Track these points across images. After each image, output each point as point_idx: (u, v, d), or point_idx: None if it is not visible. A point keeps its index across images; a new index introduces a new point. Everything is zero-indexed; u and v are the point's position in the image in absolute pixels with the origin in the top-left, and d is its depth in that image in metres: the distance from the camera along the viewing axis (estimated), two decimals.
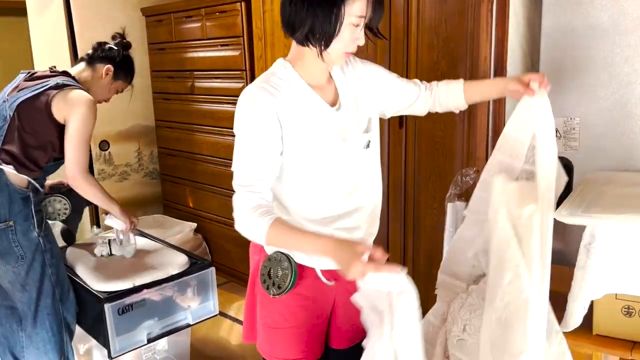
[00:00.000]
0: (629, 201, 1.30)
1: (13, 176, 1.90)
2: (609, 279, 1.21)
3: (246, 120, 1.25)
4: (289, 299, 1.35)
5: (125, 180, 3.80)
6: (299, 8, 1.22)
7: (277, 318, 1.38)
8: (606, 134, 1.67)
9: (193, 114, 3.46)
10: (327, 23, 1.21)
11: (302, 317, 1.38)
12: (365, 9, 1.22)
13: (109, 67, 2.14)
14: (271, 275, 1.35)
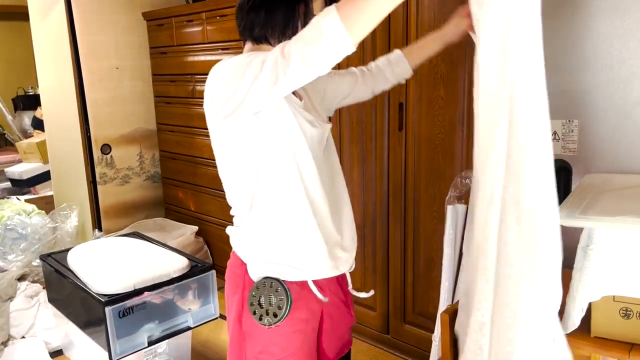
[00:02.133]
0: (628, 203, 1.31)
1: None
2: (607, 281, 1.21)
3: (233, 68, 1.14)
4: (284, 325, 1.26)
5: (126, 184, 3.81)
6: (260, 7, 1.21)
7: (274, 349, 1.28)
8: (605, 136, 1.67)
9: (194, 117, 3.48)
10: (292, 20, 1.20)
11: (299, 342, 1.29)
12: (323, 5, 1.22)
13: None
14: (262, 304, 1.25)
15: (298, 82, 1.06)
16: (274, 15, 1.21)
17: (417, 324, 2.49)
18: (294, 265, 1.27)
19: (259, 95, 1.10)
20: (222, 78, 1.16)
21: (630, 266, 1.20)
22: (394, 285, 2.52)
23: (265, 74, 1.06)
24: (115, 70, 3.62)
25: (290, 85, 1.07)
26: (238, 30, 1.30)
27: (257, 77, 1.07)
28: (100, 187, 3.65)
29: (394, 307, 2.56)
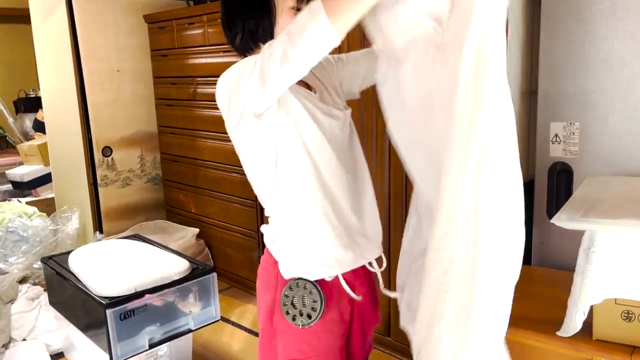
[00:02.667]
0: (629, 206, 1.30)
1: None
2: (609, 284, 1.21)
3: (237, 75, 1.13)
4: (316, 324, 1.26)
5: (128, 186, 3.81)
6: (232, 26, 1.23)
7: (304, 347, 1.28)
8: (606, 138, 1.67)
9: (195, 119, 3.48)
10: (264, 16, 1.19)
11: (329, 341, 1.30)
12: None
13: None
14: (296, 305, 1.25)
15: (287, 79, 1.05)
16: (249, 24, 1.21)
17: None
18: (319, 261, 1.26)
19: (253, 98, 1.10)
20: (226, 88, 1.18)
21: (632, 269, 1.20)
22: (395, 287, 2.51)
23: (255, 76, 1.07)
24: (116, 72, 3.62)
25: (279, 84, 1.06)
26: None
27: (249, 80, 1.08)
28: (101, 190, 3.65)
29: (395, 309, 2.55)
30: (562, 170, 1.77)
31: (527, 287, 1.70)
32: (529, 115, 1.92)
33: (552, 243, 1.79)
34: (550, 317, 1.34)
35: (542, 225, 1.81)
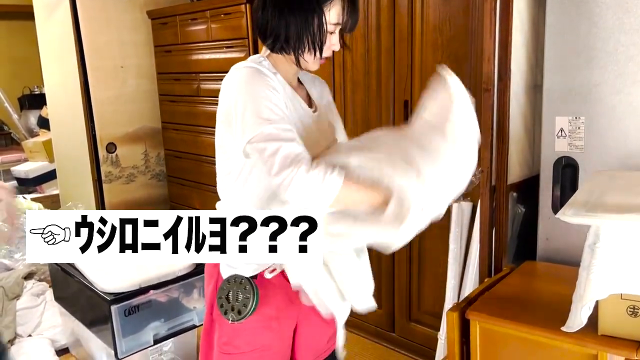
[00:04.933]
0: (634, 200, 1.29)
1: None
2: (614, 279, 1.20)
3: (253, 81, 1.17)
4: (252, 320, 1.25)
5: (132, 182, 3.82)
6: (272, 16, 1.21)
7: (239, 343, 1.29)
8: (612, 133, 1.66)
9: (199, 115, 3.48)
10: (304, 31, 1.20)
11: (266, 338, 1.30)
12: (341, 16, 1.23)
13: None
14: (230, 299, 1.26)
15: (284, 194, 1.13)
16: (286, 27, 1.21)
17: (422, 322, 2.48)
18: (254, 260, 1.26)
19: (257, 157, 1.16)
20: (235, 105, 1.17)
21: (638, 263, 1.19)
22: (400, 283, 2.51)
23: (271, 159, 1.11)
24: (120, 69, 3.62)
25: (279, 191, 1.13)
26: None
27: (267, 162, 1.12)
28: (105, 186, 3.66)
29: (399, 305, 2.55)
30: (568, 165, 1.76)
31: (532, 283, 1.69)
32: (534, 110, 1.91)
33: (557, 238, 1.78)
34: (556, 312, 1.33)
35: (548, 220, 1.80)
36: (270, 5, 1.21)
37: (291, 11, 1.19)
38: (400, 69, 2.31)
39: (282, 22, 1.20)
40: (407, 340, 2.56)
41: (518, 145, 1.91)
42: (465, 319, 1.44)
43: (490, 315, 1.40)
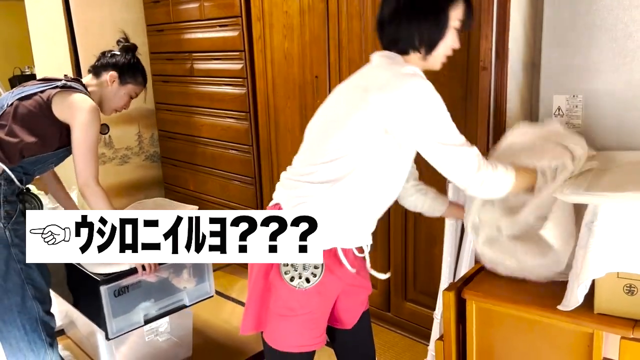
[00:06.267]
0: (632, 179, 1.28)
1: None
2: (611, 258, 1.19)
3: (433, 93, 1.27)
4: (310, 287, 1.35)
5: (125, 164, 3.79)
6: (406, 25, 1.33)
7: (295, 305, 1.37)
8: (609, 111, 1.64)
9: (192, 96, 3.44)
10: (434, 29, 1.32)
11: (317, 302, 1.38)
12: (464, 15, 1.35)
13: (112, 73, 2.06)
14: (296, 267, 1.33)
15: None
16: (419, 32, 1.33)
17: (418, 301, 2.49)
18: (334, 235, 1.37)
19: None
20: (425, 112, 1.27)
21: (635, 242, 1.18)
22: (395, 262, 2.51)
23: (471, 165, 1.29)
24: None
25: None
26: (381, 43, 1.40)
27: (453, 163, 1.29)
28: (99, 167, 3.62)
29: (394, 284, 2.56)
30: None
31: None
32: (532, 88, 1.89)
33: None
34: (552, 291, 1.33)
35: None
36: (404, 16, 1.33)
37: (424, 17, 1.32)
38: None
39: (415, 28, 1.32)
40: (403, 320, 2.57)
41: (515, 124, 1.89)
42: (462, 298, 1.44)
43: (486, 294, 1.40)
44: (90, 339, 2.39)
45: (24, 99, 1.89)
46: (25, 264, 1.85)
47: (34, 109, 1.88)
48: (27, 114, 1.87)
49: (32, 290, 1.89)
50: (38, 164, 1.96)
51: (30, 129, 1.87)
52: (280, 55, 2.79)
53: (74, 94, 1.92)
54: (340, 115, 1.33)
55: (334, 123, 1.35)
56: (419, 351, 2.34)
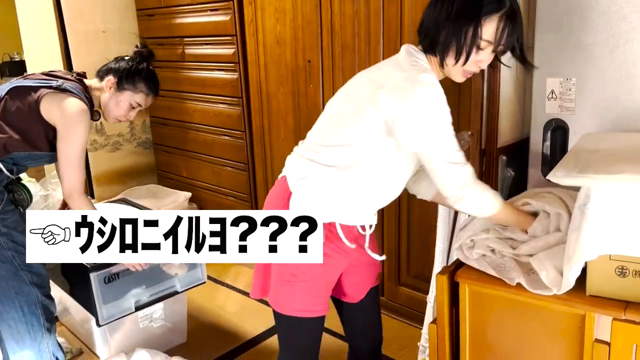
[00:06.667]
0: (625, 161, 1.28)
1: None
2: (604, 240, 1.19)
3: (442, 106, 1.27)
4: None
5: (117, 151, 3.76)
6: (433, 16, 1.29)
7: (297, 272, 1.41)
8: (602, 94, 1.64)
9: (184, 81, 3.41)
10: (454, 37, 1.26)
11: (318, 271, 1.41)
12: (494, 35, 1.26)
13: (110, 78, 1.97)
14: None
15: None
16: (436, 27, 1.29)
17: (411, 286, 2.50)
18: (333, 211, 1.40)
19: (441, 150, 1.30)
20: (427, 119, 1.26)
21: (628, 224, 1.18)
22: (389, 247, 2.52)
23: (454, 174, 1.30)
24: (101, 33, 3.52)
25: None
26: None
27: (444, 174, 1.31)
28: (90, 154, 3.60)
29: (388, 269, 2.57)
30: (558, 127, 1.74)
31: None
32: (525, 72, 1.88)
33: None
34: None
35: (538, 183, 1.79)
36: (441, 23, 1.28)
37: (449, 15, 1.26)
38: (390, 31, 2.26)
39: (435, 22, 1.28)
40: (396, 304, 2.58)
41: (509, 108, 1.89)
42: (455, 281, 1.44)
43: (479, 277, 1.40)
44: (84, 325, 2.39)
45: (17, 92, 1.84)
46: (17, 250, 1.84)
47: (22, 106, 1.82)
48: (15, 110, 1.83)
49: (28, 275, 1.88)
50: (29, 159, 1.91)
51: (14, 126, 1.82)
52: (272, 40, 2.76)
53: (64, 96, 1.83)
54: (353, 105, 1.36)
55: (346, 111, 1.37)
56: (413, 335, 2.35)
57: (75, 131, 1.81)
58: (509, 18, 1.25)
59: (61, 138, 1.82)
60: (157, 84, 2.07)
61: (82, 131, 1.83)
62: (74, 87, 1.88)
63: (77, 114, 1.81)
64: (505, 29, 1.25)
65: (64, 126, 1.81)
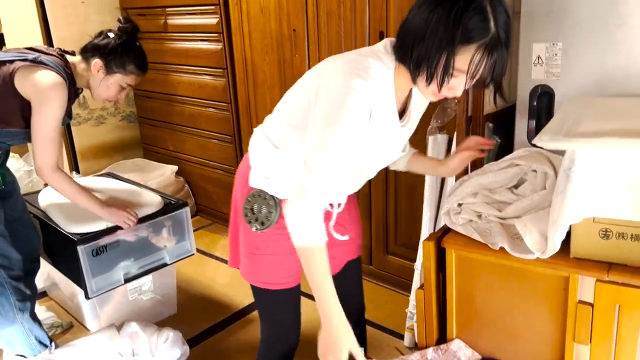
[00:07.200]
0: (610, 125, 1.28)
1: None
2: (588, 203, 1.20)
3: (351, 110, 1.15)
4: (275, 230, 1.39)
5: (102, 125, 3.71)
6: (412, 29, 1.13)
7: (261, 245, 1.42)
8: (588, 58, 1.63)
9: (167, 53, 3.35)
10: (426, 62, 1.12)
11: (279, 245, 1.40)
12: (468, 66, 1.11)
13: (97, 61, 1.88)
14: (254, 211, 1.38)
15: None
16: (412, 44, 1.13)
17: (399, 254, 2.52)
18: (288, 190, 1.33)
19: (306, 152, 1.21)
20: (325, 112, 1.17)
21: (611, 187, 1.19)
22: (377, 216, 2.53)
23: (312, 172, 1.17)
24: (80, 4, 3.43)
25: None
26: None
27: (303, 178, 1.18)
28: (74, 129, 3.55)
29: (376, 238, 2.58)
30: (544, 93, 1.74)
31: None
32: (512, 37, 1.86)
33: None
34: None
35: None
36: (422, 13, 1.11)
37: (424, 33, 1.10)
38: (374, 15, 2.23)
39: (412, 38, 1.13)
40: (385, 273, 2.60)
41: None
42: (441, 247, 1.45)
43: (465, 243, 1.41)
44: (73, 299, 2.39)
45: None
46: None
47: (1, 82, 1.77)
48: None
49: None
50: (5, 136, 1.86)
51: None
52: (256, 9, 2.71)
53: (39, 69, 1.77)
54: (304, 91, 1.29)
55: (299, 94, 1.31)
56: (401, 302, 2.38)
57: (49, 105, 1.75)
58: (488, 49, 1.09)
59: (35, 112, 1.76)
60: (146, 62, 2.00)
61: (57, 105, 1.77)
62: (52, 61, 1.82)
63: (51, 86, 1.75)
64: (481, 60, 1.10)
65: (38, 99, 1.75)
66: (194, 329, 2.37)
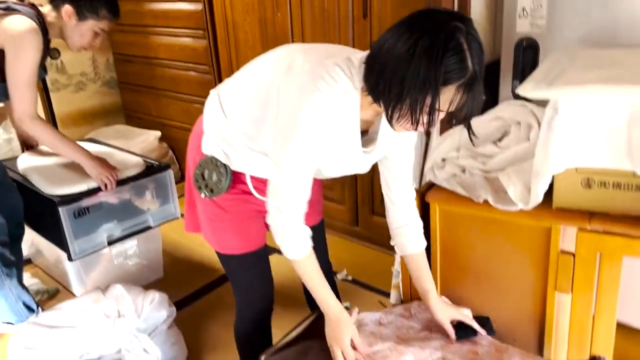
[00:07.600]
0: (593, 74, 1.27)
1: None
2: (571, 153, 1.20)
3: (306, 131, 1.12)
4: (229, 195, 1.35)
5: (81, 91, 3.63)
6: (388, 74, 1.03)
7: (213, 210, 1.38)
8: (573, 9, 1.60)
9: (145, 14, 3.26)
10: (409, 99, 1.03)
11: (243, 208, 1.37)
12: (449, 104, 1.04)
13: (67, 8, 1.83)
14: (205, 177, 1.34)
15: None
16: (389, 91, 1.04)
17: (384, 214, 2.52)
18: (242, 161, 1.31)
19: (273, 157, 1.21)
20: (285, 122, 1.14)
21: (593, 136, 1.19)
22: (362, 179, 2.52)
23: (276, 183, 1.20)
24: None
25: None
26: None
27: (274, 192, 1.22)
28: (53, 95, 3.47)
29: (362, 200, 2.58)
30: (529, 46, 1.71)
31: None
32: None
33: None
34: None
35: None
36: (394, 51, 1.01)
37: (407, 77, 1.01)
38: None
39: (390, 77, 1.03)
40: (371, 233, 2.61)
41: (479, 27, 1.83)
42: (425, 202, 1.45)
43: (449, 197, 1.41)
44: (58, 265, 2.38)
45: None
46: None
47: None
48: None
49: None
50: None
51: None
52: None
53: (10, 15, 1.73)
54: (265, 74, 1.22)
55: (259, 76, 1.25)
56: (388, 261, 2.38)
57: (24, 50, 1.72)
58: (467, 88, 1.03)
59: (10, 59, 1.73)
60: (117, 5, 1.96)
61: (31, 51, 1.73)
62: (24, 9, 1.78)
63: (25, 32, 1.72)
64: (461, 99, 1.04)
65: (12, 45, 1.72)
66: (181, 292, 2.37)
